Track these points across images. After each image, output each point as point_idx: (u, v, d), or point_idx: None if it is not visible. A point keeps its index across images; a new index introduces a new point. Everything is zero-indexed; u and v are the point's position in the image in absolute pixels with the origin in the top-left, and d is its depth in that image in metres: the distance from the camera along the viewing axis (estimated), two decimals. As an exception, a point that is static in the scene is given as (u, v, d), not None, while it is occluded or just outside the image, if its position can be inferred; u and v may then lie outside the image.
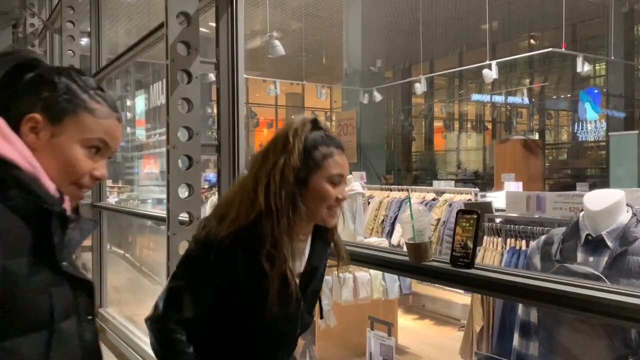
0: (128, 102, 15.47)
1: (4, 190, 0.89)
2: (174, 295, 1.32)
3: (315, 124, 1.35)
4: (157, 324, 1.32)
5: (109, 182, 9.70)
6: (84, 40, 5.45)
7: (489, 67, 8.66)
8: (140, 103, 14.60)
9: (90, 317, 1.05)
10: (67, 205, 0.99)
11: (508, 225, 3.38)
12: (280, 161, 1.28)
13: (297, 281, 1.34)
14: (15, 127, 0.95)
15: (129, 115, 15.60)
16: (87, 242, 5.29)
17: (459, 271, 1.36)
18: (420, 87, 10.47)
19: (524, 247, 3.21)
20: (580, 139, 13.94)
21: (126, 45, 3.98)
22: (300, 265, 1.38)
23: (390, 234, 6.22)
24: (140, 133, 14.51)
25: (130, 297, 4.78)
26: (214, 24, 2.53)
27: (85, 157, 1.00)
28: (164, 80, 2.35)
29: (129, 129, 15.81)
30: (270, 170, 1.28)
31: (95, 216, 4.92)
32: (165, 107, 2.33)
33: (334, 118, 16.31)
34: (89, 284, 1.04)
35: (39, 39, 6.78)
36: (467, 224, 1.38)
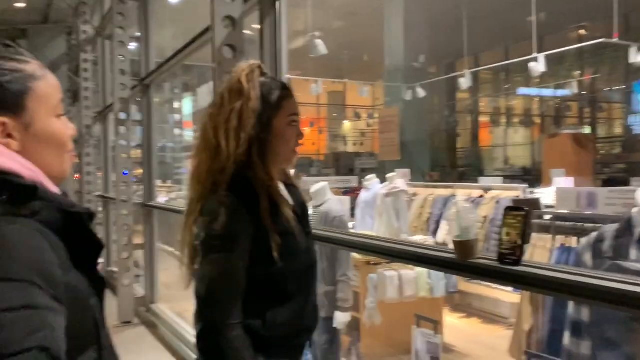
0: (176, 105, 15.86)
1: (26, 204, 0.76)
2: (220, 288, 1.26)
3: (261, 69, 1.40)
4: (216, 331, 1.24)
5: (158, 182, 9.98)
6: (133, 45, 5.63)
7: (536, 60, 8.43)
8: (187, 105, 14.94)
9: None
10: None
11: (558, 222, 3.29)
12: (237, 106, 1.32)
13: None
14: None
15: (177, 117, 16.00)
16: (139, 240, 5.47)
17: (507, 268, 1.35)
18: (465, 82, 10.29)
19: (574, 245, 3.12)
20: (634, 132, 13.37)
21: (173, 49, 4.09)
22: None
23: (435, 232, 6.15)
24: (188, 134, 14.85)
25: (180, 293, 4.92)
26: (257, 26, 2.58)
27: (61, 123, 0.89)
28: (211, 83, 2.41)
29: (177, 131, 16.21)
30: (228, 116, 1.32)
31: (147, 215, 5.08)
32: (212, 109, 2.39)
33: (376, 115, 16.24)
34: (104, 283, 0.92)
35: (91, 45, 7.05)
36: (515, 221, 1.37)
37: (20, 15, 8.05)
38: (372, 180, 6.44)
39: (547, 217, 3.50)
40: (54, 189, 0.84)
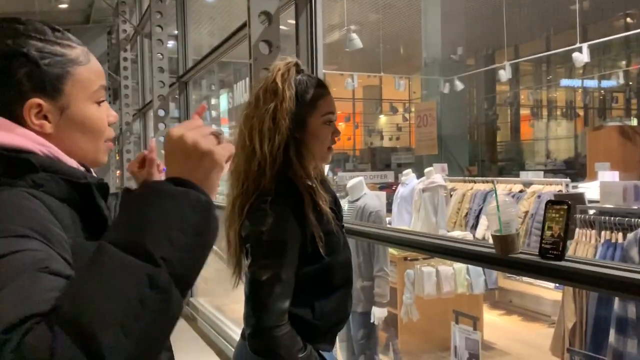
0: (213, 101, 16.09)
1: (31, 176, 0.76)
2: (269, 293, 1.29)
3: (298, 67, 1.40)
4: (266, 334, 1.28)
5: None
6: (171, 43, 5.72)
7: (580, 50, 8.16)
8: (224, 102, 15.14)
9: None
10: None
11: (602, 217, 3.19)
12: (271, 107, 1.32)
13: None
14: (12, 117, 0.80)
15: (213, 113, 16.23)
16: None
17: (549, 263, 1.31)
18: (504, 74, 10.05)
19: (620, 240, 3.01)
20: (684, 124, 12.83)
21: (210, 46, 4.14)
22: None
23: (474, 227, 6.06)
24: (225, 131, 15.05)
25: (219, 287, 4.99)
26: (292, 21, 2.58)
27: (99, 109, 0.88)
28: (247, 79, 2.43)
29: (214, 127, 16.44)
30: (262, 117, 1.33)
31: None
32: (248, 104, 2.40)
33: (412, 109, 16.08)
34: None
35: (130, 43, 7.21)
36: (557, 215, 1.33)
37: (63, 15, 8.31)
38: (409, 175, 6.38)
39: (591, 212, 3.40)
40: (71, 163, 0.83)
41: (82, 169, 0.86)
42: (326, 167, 1.61)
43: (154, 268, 0.61)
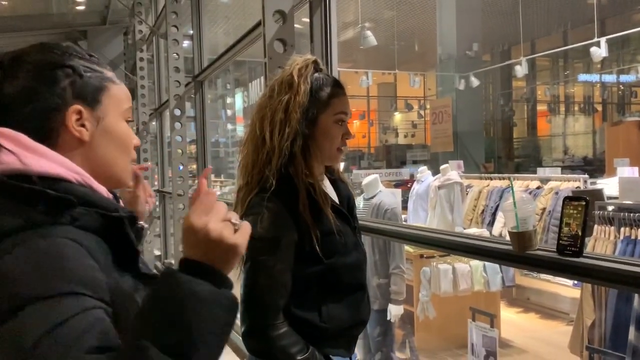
0: (228, 100, 16.16)
1: (64, 212, 0.76)
2: (261, 291, 1.28)
3: (317, 65, 1.39)
4: (260, 333, 1.27)
5: (212, 177, 10.21)
6: (186, 43, 5.76)
7: (598, 44, 8.05)
8: (239, 100, 15.20)
9: None
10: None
11: (622, 213, 3.15)
12: (285, 99, 1.33)
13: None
14: (41, 133, 0.81)
15: (229, 112, 16.31)
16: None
17: (567, 260, 1.30)
18: (521, 70, 9.96)
19: (640, 237, 2.98)
20: None
21: (225, 45, 4.16)
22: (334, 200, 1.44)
23: (491, 224, 6.01)
24: (240, 129, 15.12)
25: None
26: (306, 20, 2.59)
27: (129, 129, 0.92)
28: (262, 78, 2.43)
29: (229, 126, 16.54)
30: (275, 108, 1.33)
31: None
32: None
33: (427, 106, 15.99)
34: (152, 278, 0.92)
35: (146, 44, 7.27)
36: (575, 211, 1.32)
37: (80, 17, 8.40)
38: (424, 172, 6.35)
39: (610, 208, 3.36)
40: (101, 190, 0.85)
41: (110, 196, 0.88)
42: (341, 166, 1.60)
43: None
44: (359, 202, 3.63)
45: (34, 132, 0.80)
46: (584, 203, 1.31)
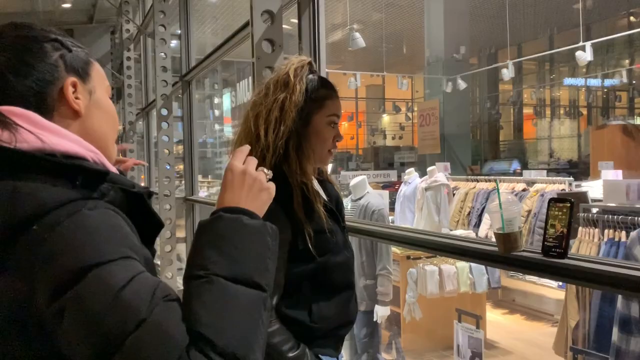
0: (216, 100, 16.10)
1: (96, 187, 0.78)
2: None
3: (311, 66, 1.41)
4: None
5: (199, 177, 10.15)
6: (174, 43, 5.73)
7: (583, 48, 8.14)
8: (226, 101, 15.15)
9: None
10: None
11: (606, 216, 3.19)
12: (281, 97, 1.34)
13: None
14: (42, 108, 0.80)
15: (216, 112, 16.23)
16: (181, 234, 5.60)
17: (552, 261, 1.31)
18: (507, 73, 10.03)
19: (623, 239, 3.01)
20: (688, 122, 12.77)
21: (213, 45, 4.15)
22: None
23: (477, 226, 6.05)
24: (228, 130, 15.06)
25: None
26: (295, 21, 2.58)
27: (113, 105, 0.93)
28: (250, 78, 2.43)
29: (217, 126, 16.47)
30: (271, 106, 1.34)
31: (189, 210, 5.19)
32: (251, 103, 2.41)
33: (415, 108, 16.06)
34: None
35: (133, 43, 7.22)
36: (560, 212, 1.33)
37: (66, 15, 8.31)
38: (411, 174, 6.38)
39: (595, 210, 3.40)
40: (113, 169, 0.85)
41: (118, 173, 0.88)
42: (329, 167, 1.60)
43: (264, 294, 0.75)
44: (347, 203, 3.63)
45: (35, 108, 0.79)
46: (569, 204, 1.32)
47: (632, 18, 13.45)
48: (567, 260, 1.29)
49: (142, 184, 7.35)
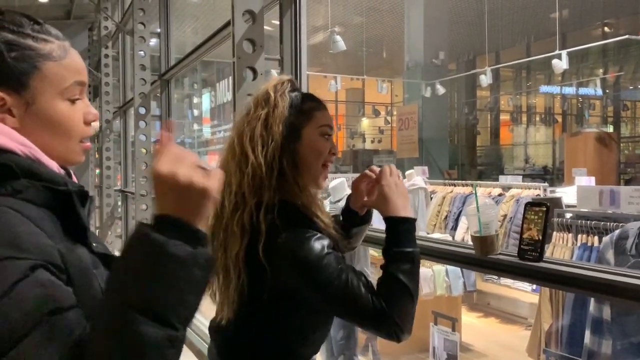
0: (195, 100, 15.98)
1: (11, 183, 0.75)
2: (352, 287, 1.19)
3: (293, 84, 1.33)
4: (380, 314, 1.24)
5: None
6: (154, 41, 5.67)
7: (559, 57, 8.30)
8: (206, 101, 15.04)
9: None
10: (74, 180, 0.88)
11: (579, 221, 3.25)
12: (263, 113, 1.26)
13: None
14: None
15: (195, 112, 16.11)
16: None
17: (527, 264, 1.33)
18: (485, 79, 10.18)
19: (596, 244, 3.07)
20: (659, 131, 13.11)
21: (193, 44, 4.11)
22: None
23: (454, 230, 6.11)
24: (206, 130, 14.96)
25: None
26: (276, 22, 2.58)
27: (72, 108, 0.86)
28: (230, 78, 2.42)
29: (195, 126, 16.34)
30: (255, 124, 1.26)
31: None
32: (231, 104, 2.39)
33: (394, 112, 16.16)
34: (107, 258, 0.89)
35: (112, 40, 7.13)
36: (536, 217, 1.35)
37: (43, 10, 8.17)
38: (390, 177, 6.40)
39: (569, 215, 3.46)
40: (51, 165, 0.81)
41: (62, 171, 0.84)
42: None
43: (174, 332, 0.67)
44: (326, 205, 3.63)
45: None
46: (545, 209, 1.34)
47: (606, 28, 13.77)
48: (543, 263, 1.31)
49: (119, 184, 7.25)
